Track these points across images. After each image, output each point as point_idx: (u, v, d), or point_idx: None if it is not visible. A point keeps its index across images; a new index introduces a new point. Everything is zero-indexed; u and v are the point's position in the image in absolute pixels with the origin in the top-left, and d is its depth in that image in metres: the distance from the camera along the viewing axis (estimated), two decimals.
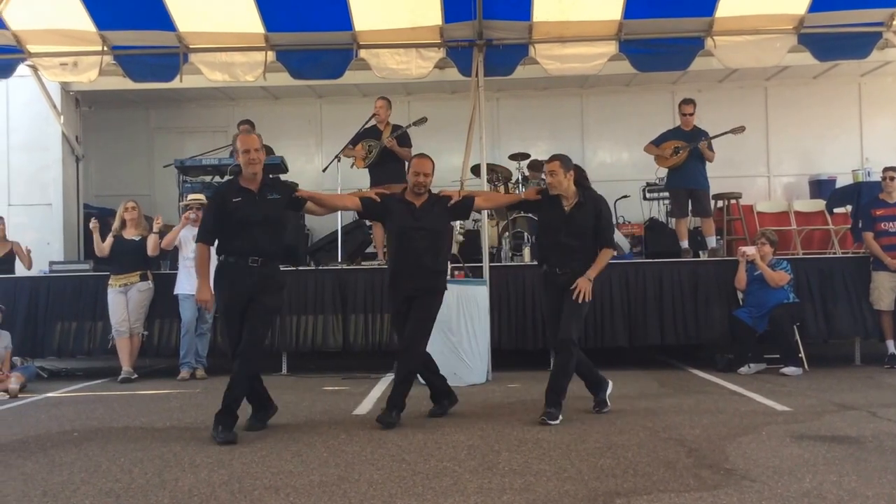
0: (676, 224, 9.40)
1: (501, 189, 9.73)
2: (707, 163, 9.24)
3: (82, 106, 11.23)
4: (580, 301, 5.65)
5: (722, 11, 8.35)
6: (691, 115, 9.32)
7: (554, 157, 5.90)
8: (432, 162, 5.95)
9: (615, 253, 6.25)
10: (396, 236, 5.82)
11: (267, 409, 5.79)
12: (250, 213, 5.39)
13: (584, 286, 5.68)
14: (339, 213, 8.87)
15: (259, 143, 5.52)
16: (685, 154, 9.10)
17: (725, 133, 9.21)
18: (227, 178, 9.55)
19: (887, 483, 3.87)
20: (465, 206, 6.03)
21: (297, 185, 5.77)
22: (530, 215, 8.57)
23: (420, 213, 5.79)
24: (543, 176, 6.14)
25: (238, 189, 5.49)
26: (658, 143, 9.37)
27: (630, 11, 8.38)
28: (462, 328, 7.59)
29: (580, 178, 5.93)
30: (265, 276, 5.46)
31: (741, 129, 9.27)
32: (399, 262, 5.80)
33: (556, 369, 5.82)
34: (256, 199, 5.45)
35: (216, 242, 5.51)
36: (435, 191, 6.03)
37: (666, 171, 9.50)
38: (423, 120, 9.17)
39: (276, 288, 5.61)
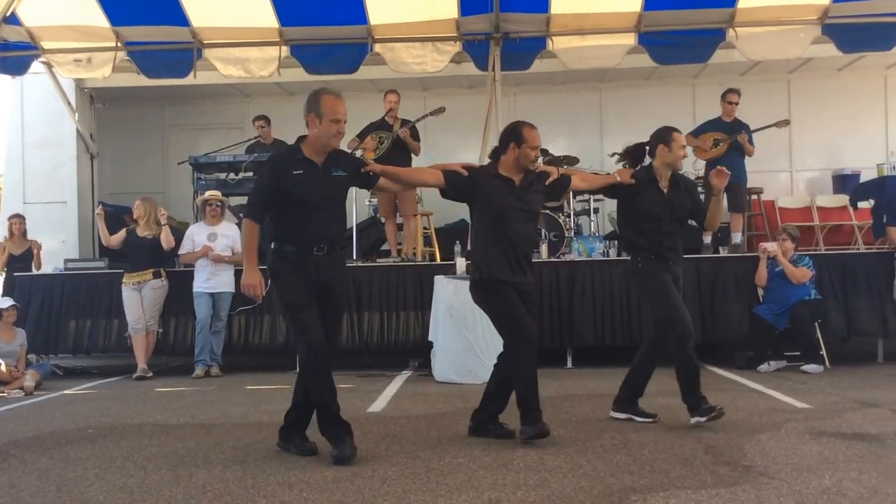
0: None
1: None
2: (746, 157, 9.10)
3: (97, 103, 11.27)
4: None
5: (744, 2, 8.28)
6: (736, 104, 9.15)
7: (675, 129, 5.39)
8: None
9: None
10: (495, 217, 4.89)
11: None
12: (313, 191, 4.44)
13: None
14: (354, 209, 8.87)
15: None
16: (725, 147, 8.94)
17: (769, 126, 9.07)
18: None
19: None
20: (562, 185, 5.22)
21: (363, 160, 4.85)
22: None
23: (521, 191, 4.96)
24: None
25: (300, 159, 4.49)
26: (697, 133, 9.23)
27: (650, 2, 8.32)
28: (478, 325, 7.50)
29: None
30: (333, 269, 4.57)
31: (785, 123, 9.15)
32: (506, 248, 4.87)
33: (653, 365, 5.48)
34: (320, 174, 4.49)
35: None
36: None
37: (704, 162, 9.34)
38: (440, 109, 9.09)
39: (344, 283, 4.84)
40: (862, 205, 10.09)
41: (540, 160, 5.34)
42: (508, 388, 5.08)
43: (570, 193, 8.60)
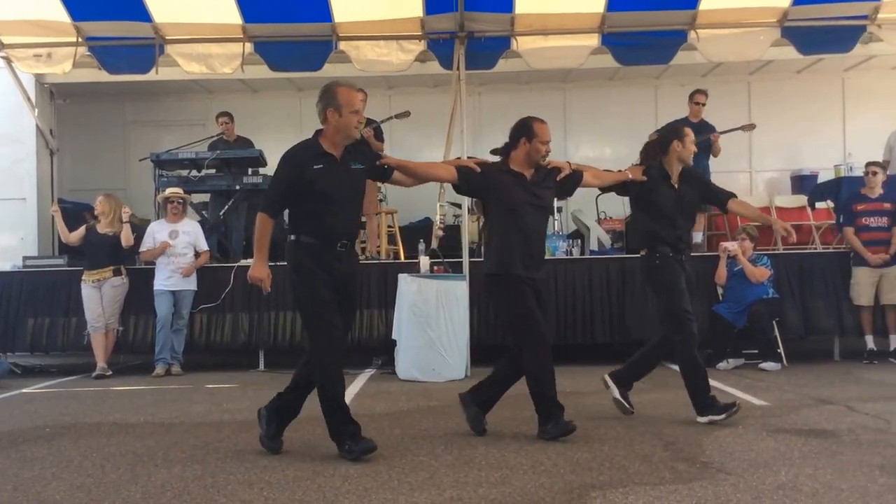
0: None
1: None
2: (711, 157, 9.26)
3: (57, 99, 11.09)
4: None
5: (705, 4, 8.31)
6: (703, 104, 9.34)
7: (686, 125, 5.58)
8: None
9: None
10: (509, 212, 4.96)
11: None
12: (335, 185, 4.47)
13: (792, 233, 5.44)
14: None
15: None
16: None
17: (735, 129, 9.22)
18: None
19: (862, 476, 3.86)
20: (573, 182, 5.24)
21: (378, 153, 4.82)
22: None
23: (532, 186, 5.02)
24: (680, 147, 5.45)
25: (320, 154, 4.50)
26: None
27: (613, 4, 8.33)
28: (441, 323, 7.56)
29: None
30: (352, 264, 4.65)
31: (751, 127, 9.31)
32: (519, 243, 4.94)
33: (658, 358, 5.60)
34: (340, 168, 4.52)
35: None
36: None
37: None
38: (405, 113, 9.10)
39: (357, 279, 4.82)
40: (819, 205, 10.28)
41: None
42: (507, 384, 5.15)
43: None
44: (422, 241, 8.83)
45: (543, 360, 4.86)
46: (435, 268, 8.06)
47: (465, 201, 8.67)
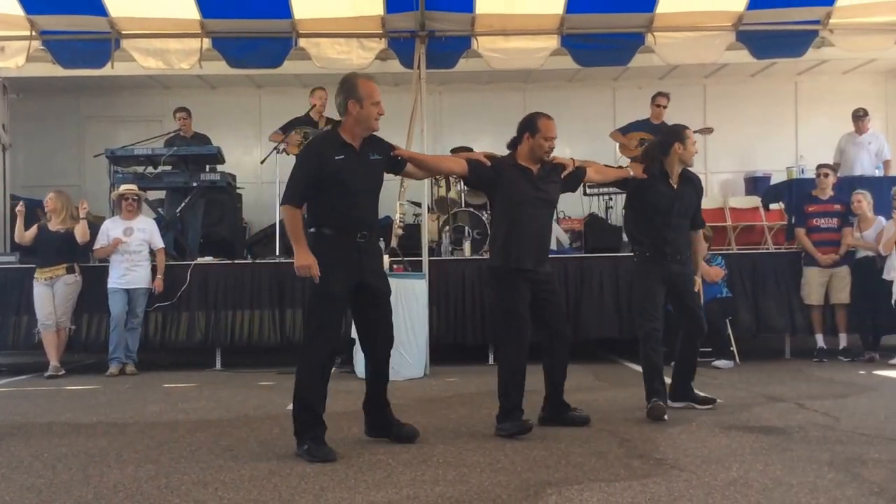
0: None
1: (443, 183, 9.68)
2: None
3: (10, 93, 10.90)
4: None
5: (662, 7, 8.44)
6: (664, 107, 9.50)
7: (687, 127, 5.75)
8: None
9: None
10: (515, 206, 5.03)
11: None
12: (356, 176, 4.48)
13: (698, 285, 5.87)
14: (277, 205, 8.77)
15: None
16: None
17: (694, 132, 9.32)
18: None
19: (811, 472, 3.94)
20: (576, 178, 5.36)
21: (391, 144, 4.82)
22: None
23: (538, 181, 5.11)
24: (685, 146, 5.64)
25: (342, 144, 4.51)
26: (625, 132, 9.53)
27: (572, 6, 8.41)
28: (400, 322, 7.44)
29: None
30: (374, 256, 4.69)
31: (709, 131, 9.46)
32: (522, 237, 5.01)
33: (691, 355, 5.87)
34: (360, 158, 4.55)
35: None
36: None
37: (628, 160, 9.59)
38: None
39: (383, 269, 4.82)
40: (773, 206, 10.48)
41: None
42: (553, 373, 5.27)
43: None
44: (381, 239, 8.81)
45: (517, 362, 4.98)
46: (394, 266, 8.06)
47: (425, 200, 8.69)
